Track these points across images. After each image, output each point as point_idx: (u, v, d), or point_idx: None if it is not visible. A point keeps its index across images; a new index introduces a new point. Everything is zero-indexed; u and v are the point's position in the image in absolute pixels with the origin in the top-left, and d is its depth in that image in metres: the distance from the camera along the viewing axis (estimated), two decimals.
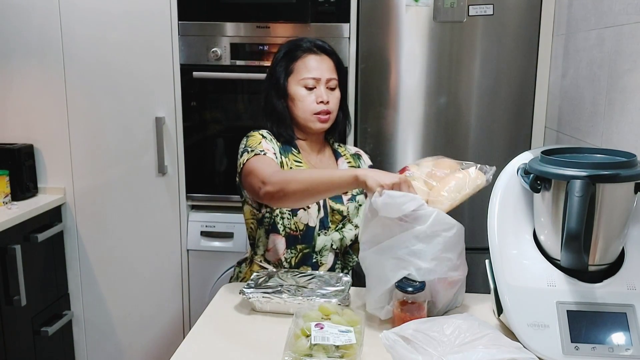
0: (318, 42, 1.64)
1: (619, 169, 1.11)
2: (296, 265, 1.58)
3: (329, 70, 1.61)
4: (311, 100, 1.58)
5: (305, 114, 1.59)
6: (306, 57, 1.61)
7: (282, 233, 1.57)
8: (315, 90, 1.59)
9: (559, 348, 1.10)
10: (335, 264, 1.61)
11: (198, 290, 2.39)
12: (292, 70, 1.60)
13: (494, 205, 1.26)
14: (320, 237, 1.57)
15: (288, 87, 1.60)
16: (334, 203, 1.60)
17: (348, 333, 1.10)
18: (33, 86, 2.34)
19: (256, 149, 1.52)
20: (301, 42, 1.63)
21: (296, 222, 1.56)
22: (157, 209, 2.37)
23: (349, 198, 1.63)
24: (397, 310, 1.23)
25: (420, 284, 1.22)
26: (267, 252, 1.61)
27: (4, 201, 2.24)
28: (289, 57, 1.62)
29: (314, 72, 1.59)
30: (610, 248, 1.17)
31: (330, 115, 1.61)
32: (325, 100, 1.58)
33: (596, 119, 1.69)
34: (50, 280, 2.38)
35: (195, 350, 1.19)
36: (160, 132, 2.30)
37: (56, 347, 2.40)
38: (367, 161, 1.77)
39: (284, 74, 1.61)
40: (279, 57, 1.64)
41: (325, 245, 1.58)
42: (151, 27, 2.25)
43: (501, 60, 2.17)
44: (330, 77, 1.61)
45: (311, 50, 1.62)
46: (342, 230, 1.61)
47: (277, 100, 1.61)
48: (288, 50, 1.63)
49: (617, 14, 1.56)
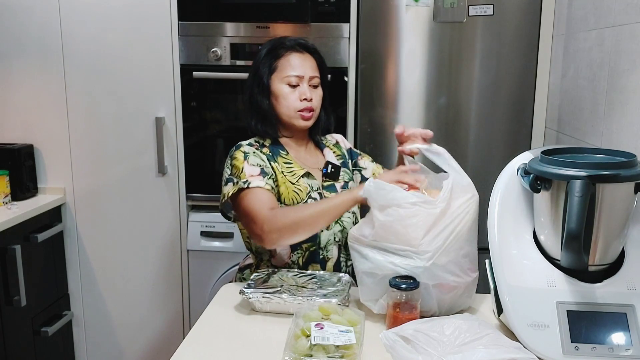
0: (301, 40, 1.65)
1: (619, 169, 1.11)
2: (304, 264, 1.59)
3: (311, 68, 1.62)
4: (295, 98, 1.59)
5: (289, 111, 1.60)
6: (289, 55, 1.61)
7: None
8: (298, 88, 1.60)
9: (559, 348, 1.10)
10: (340, 256, 1.62)
11: (198, 290, 2.39)
12: (276, 68, 1.61)
13: (494, 205, 1.26)
14: (324, 232, 1.59)
15: (271, 84, 1.61)
16: (328, 193, 1.62)
17: (348, 333, 1.10)
18: (33, 86, 2.34)
19: (240, 180, 1.51)
20: (284, 41, 1.64)
21: None
22: (157, 209, 2.37)
23: (341, 186, 1.65)
24: (391, 310, 1.24)
25: (414, 282, 1.22)
26: (272, 258, 1.61)
27: (4, 201, 2.24)
28: (272, 55, 1.62)
29: (297, 70, 1.60)
30: (610, 248, 1.16)
31: (313, 113, 1.62)
32: (308, 98, 1.59)
33: (596, 119, 1.69)
34: (50, 280, 2.38)
35: (195, 350, 1.19)
36: (160, 132, 2.30)
37: (56, 347, 2.40)
38: (346, 144, 1.78)
39: (267, 71, 1.61)
40: (262, 55, 1.64)
41: (330, 240, 1.59)
42: (151, 27, 2.25)
43: (501, 61, 2.17)
44: (313, 75, 1.62)
45: (294, 48, 1.62)
46: (341, 221, 1.62)
47: (261, 98, 1.62)
48: (271, 48, 1.63)
49: (617, 14, 1.56)
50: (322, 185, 1.62)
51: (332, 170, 1.65)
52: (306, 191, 1.58)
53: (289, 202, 1.55)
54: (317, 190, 1.60)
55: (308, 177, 1.60)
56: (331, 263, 1.60)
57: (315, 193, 1.59)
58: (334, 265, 1.60)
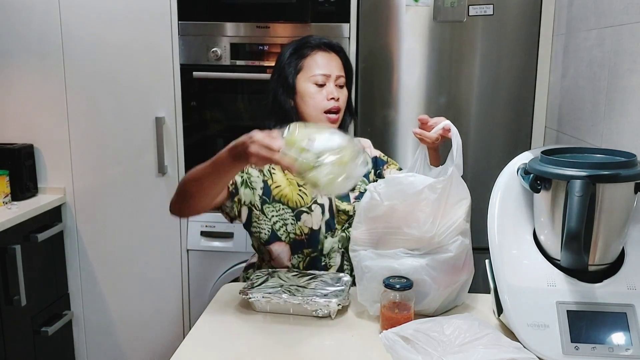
0: (325, 40, 1.64)
1: (619, 169, 1.11)
2: (304, 269, 1.56)
3: (337, 67, 1.61)
4: (321, 97, 1.57)
5: (316, 111, 1.58)
6: (315, 54, 1.60)
7: (285, 240, 1.55)
8: (325, 87, 1.58)
9: (559, 348, 1.10)
10: (343, 264, 1.58)
11: (198, 290, 2.39)
12: (302, 67, 1.59)
13: (494, 205, 1.26)
14: (328, 239, 1.56)
15: (297, 84, 1.59)
16: (340, 203, 1.58)
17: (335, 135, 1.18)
18: (33, 86, 2.34)
19: None
20: (309, 40, 1.62)
21: (300, 227, 1.54)
22: (157, 209, 2.37)
23: (355, 196, 1.60)
24: (385, 310, 1.23)
25: (408, 282, 1.22)
26: (272, 260, 1.59)
27: (4, 201, 2.24)
28: (298, 55, 1.60)
29: (324, 69, 1.58)
30: (610, 248, 1.16)
31: (339, 114, 1.60)
32: (335, 97, 1.57)
33: (596, 119, 1.69)
34: (50, 280, 2.38)
35: (195, 350, 1.19)
36: (160, 132, 2.30)
37: (56, 347, 2.40)
38: (373, 152, 1.74)
39: (293, 71, 1.59)
40: (287, 55, 1.62)
41: (333, 247, 1.57)
42: (151, 27, 2.25)
43: (501, 60, 2.17)
44: (339, 75, 1.60)
45: (320, 47, 1.61)
46: (348, 229, 1.58)
47: (285, 98, 1.60)
48: (296, 48, 1.61)
49: (617, 13, 1.56)
50: None
51: None
52: (311, 196, 1.55)
53: (292, 205, 1.54)
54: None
55: None
56: (333, 270, 1.57)
57: (322, 199, 1.56)
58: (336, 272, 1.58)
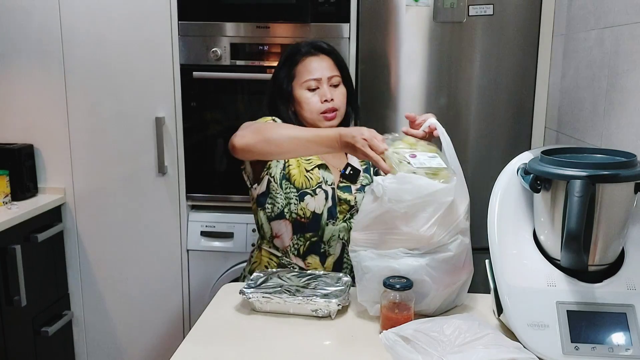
0: (316, 43, 1.69)
1: (619, 169, 1.11)
2: (304, 254, 1.59)
3: (329, 68, 1.65)
4: (316, 101, 1.62)
5: (313, 115, 1.63)
6: (306, 60, 1.65)
7: (288, 218, 1.59)
8: (318, 91, 1.63)
9: (559, 348, 1.10)
10: (343, 255, 1.61)
11: (198, 290, 2.39)
12: (294, 74, 1.65)
13: (494, 205, 1.26)
14: (329, 226, 1.59)
15: (293, 92, 1.65)
16: (341, 193, 1.61)
17: (437, 158, 1.28)
18: (33, 86, 2.34)
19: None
20: (299, 47, 1.68)
21: (303, 208, 1.57)
22: (157, 209, 2.37)
23: (357, 188, 1.63)
24: (384, 311, 1.23)
25: (408, 282, 1.22)
26: (275, 238, 1.62)
27: (4, 201, 2.24)
28: (290, 63, 1.66)
29: (315, 73, 1.63)
30: (610, 248, 1.17)
31: (336, 112, 1.64)
32: (329, 98, 1.62)
33: (596, 119, 1.69)
34: (50, 280, 2.38)
35: (195, 350, 1.19)
36: (160, 132, 2.30)
37: (56, 347, 2.40)
38: None
39: (286, 80, 1.65)
40: (280, 64, 1.69)
41: (334, 235, 1.59)
42: (151, 27, 2.25)
43: (501, 60, 2.17)
44: (332, 75, 1.65)
45: (309, 52, 1.66)
46: (349, 220, 1.61)
47: (283, 106, 1.66)
48: (288, 56, 1.68)
49: (617, 14, 1.56)
50: (337, 184, 1.62)
51: (351, 172, 1.64)
52: (317, 181, 1.58)
53: (298, 185, 1.57)
54: (331, 185, 1.60)
55: (325, 169, 1.61)
56: (332, 259, 1.60)
57: (327, 186, 1.59)
58: (335, 262, 1.60)
